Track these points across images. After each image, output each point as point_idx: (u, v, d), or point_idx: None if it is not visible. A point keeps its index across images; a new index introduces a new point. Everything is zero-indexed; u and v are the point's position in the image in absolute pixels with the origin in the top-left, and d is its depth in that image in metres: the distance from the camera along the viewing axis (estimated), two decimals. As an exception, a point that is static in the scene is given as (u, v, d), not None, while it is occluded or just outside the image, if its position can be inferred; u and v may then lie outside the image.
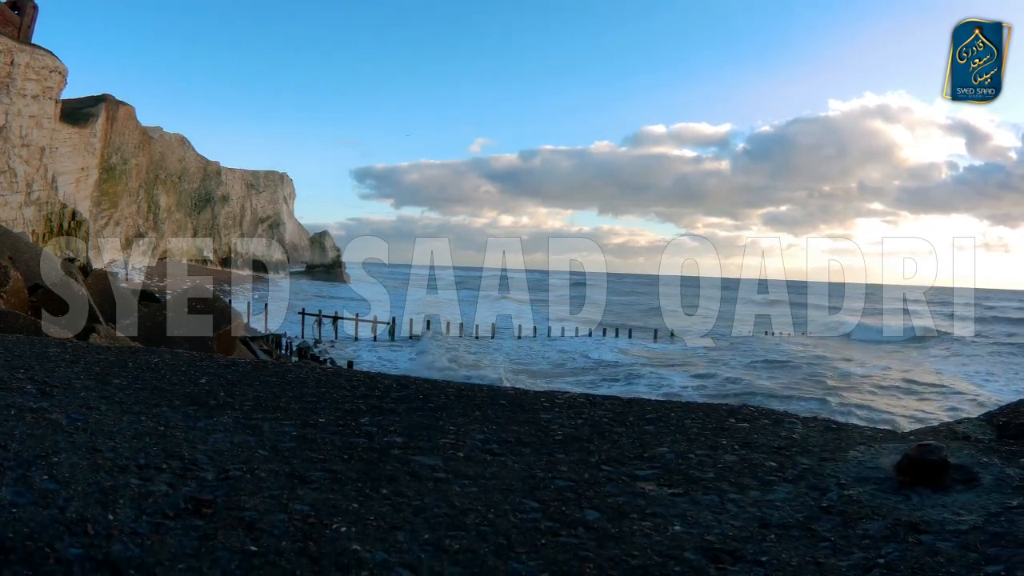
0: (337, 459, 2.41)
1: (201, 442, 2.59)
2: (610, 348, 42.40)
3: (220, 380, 3.83)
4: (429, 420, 3.11)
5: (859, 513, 2.24)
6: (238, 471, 2.23)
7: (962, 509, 2.30)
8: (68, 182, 57.35)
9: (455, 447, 2.66)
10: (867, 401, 25.37)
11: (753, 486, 2.50)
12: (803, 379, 30.28)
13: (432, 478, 2.24)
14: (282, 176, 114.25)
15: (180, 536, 1.68)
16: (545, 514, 2.02)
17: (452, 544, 1.67)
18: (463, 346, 40.43)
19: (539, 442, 2.89)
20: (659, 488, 2.41)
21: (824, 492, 2.45)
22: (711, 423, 3.40)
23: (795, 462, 2.80)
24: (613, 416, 3.44)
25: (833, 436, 3.25)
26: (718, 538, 1.96)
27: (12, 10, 48.94)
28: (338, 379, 3.95)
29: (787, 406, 23.92)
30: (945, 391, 28.50)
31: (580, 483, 2.37)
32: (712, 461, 2.76)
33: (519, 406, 3.52)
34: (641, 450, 2.87)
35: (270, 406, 3.24)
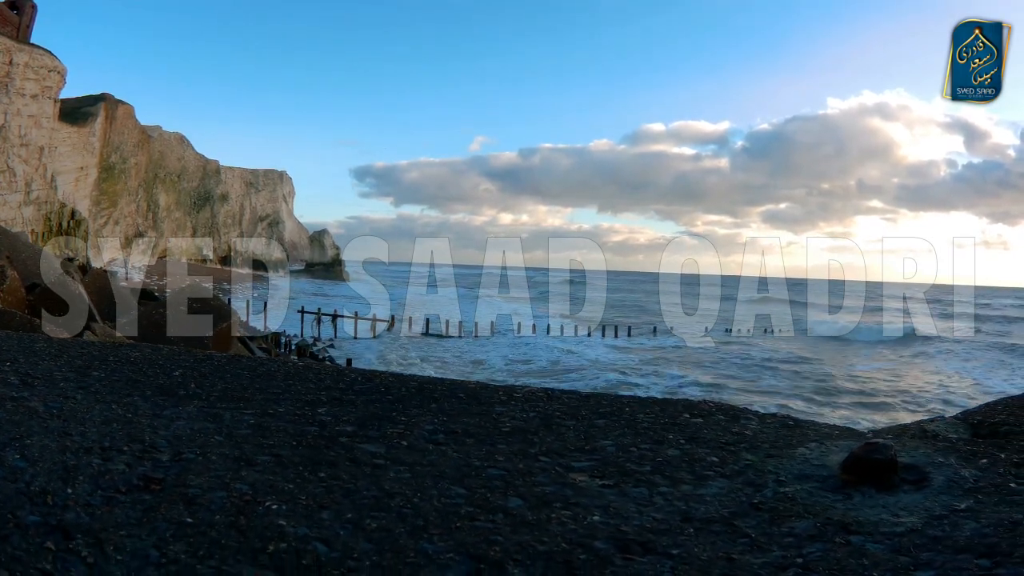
0: (286, 445, 2.54)
1: (163, 428, 2.74)
2: (604, 347, 42.45)
3: (193, 373, 3.96)
4: (384, 411, 3.21)
5: (790, 511, 2.21)
6: (192, 454, 2.39)
7: (903, 510, 2.24)
8: (67, 181, 57.44)
9: (401, 436, 2.77)
10: (841, 401, 25.14)
11: (687, 480, 2.49)
12: (781, 378, 30.31)
13: (371, 464, 2.36)
14: (281, 175, 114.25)
15: (127, 508, 1.84)
16: (469, 500, 2.09)
17: (371, 524, 1.79)
18: (461, 345, 40.56)
19: (485, 433, 2.95)
20: (590, 480, 2.42)
21: (760, 488, 2.43)
22: (664, 418, 3.39)
23: (739, 458, 2.79)
24: (567, 410, 3.47)
25: (787, 433, 3.22)
26: (634, 529, 1.97)
27: (11, 9, 49.01)
28: (307, 372, 4.07)
29: (757, 404, 24.10)
30: (929, 390, 28.43)
31: (512, 472, 2.42)
32: (653, 455, 2.76)
33: (476, 399, 3.59)
34: (584, 443, 2.89)
35: (235, 397, 3.38)
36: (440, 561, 1.57)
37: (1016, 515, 2.06)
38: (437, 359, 35.54)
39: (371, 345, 40.16)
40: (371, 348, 38.76)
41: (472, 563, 1.58)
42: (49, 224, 53.07)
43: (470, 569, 1.55)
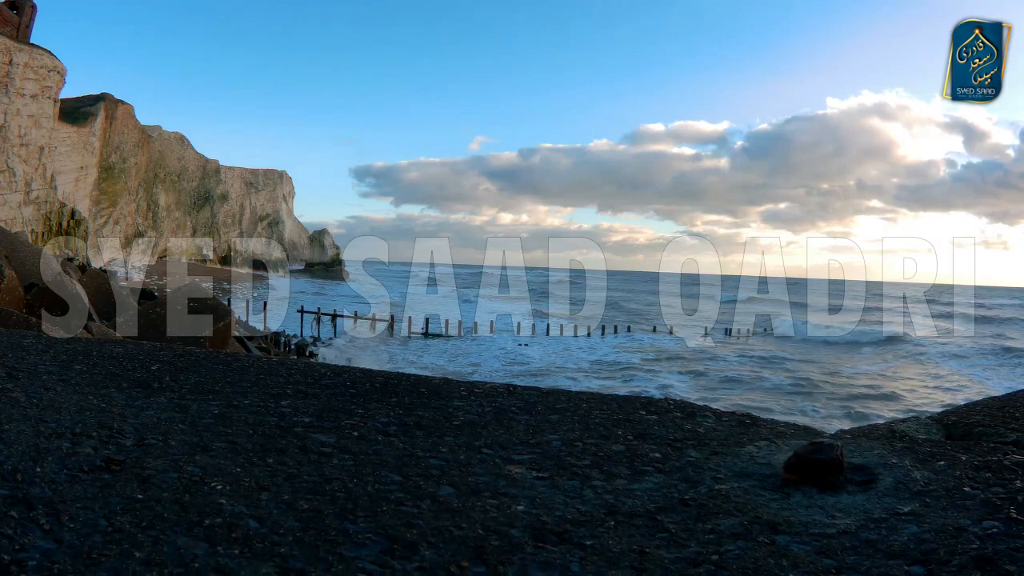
0: (243, 434, 2.67)
1: (133, 417, 2.90)
2: (604, 347, 42.62)
3: (170, 367, 4.11)
4: (343, 404, 3.31)
5: (719, 508, 2.20)
6: (154, 440, 2.54)
7: (840, 512, 2.21)
8: (67, 181, 57.67)
9: (354, 428, 2.85)
10: (820, 402, 25.15)
11: (623, 475, 2.49)
12: (762, 379, 30.42)
13: (318, 452, 2.45)
14: (281, 174, 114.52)
15: (87, 485, 2.01)
16: (402, 487, 2.17)
17: (304, 504, 1.92)
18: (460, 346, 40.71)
19: (436, 426, 3.03)
20: (526, 472, 2.45)
21: (695, 485, 2.40)
22: (619, 414, 3.42)
23: (682, 455, 2.77)
24: (523, 405, 3.54)
25: (741, 431, 3.20)
26: (554, 520, 1.99)
27: (11, 9, 49.19)
28: (280, 368, 4.20)
29: (740, 404, 24.17)
30: (917, 391, 28.33)
31: (452, 463, 2.49)
32: (596, 450, 2.78)
33: (437, 394, 3.68)
34: (531, 437, 2.93)
35: (205, 389, 3.52)
36: (358, 540, 1.69)
37: (963, 521, 2.03)
38: (434, 358, 35.74)
39: (369, 345, 40.31)
40: (369, 348, 38.91)
41: (387, 543, 1.66)
42: (49, 224, 53.27)
43: (384, 548, 1.63)
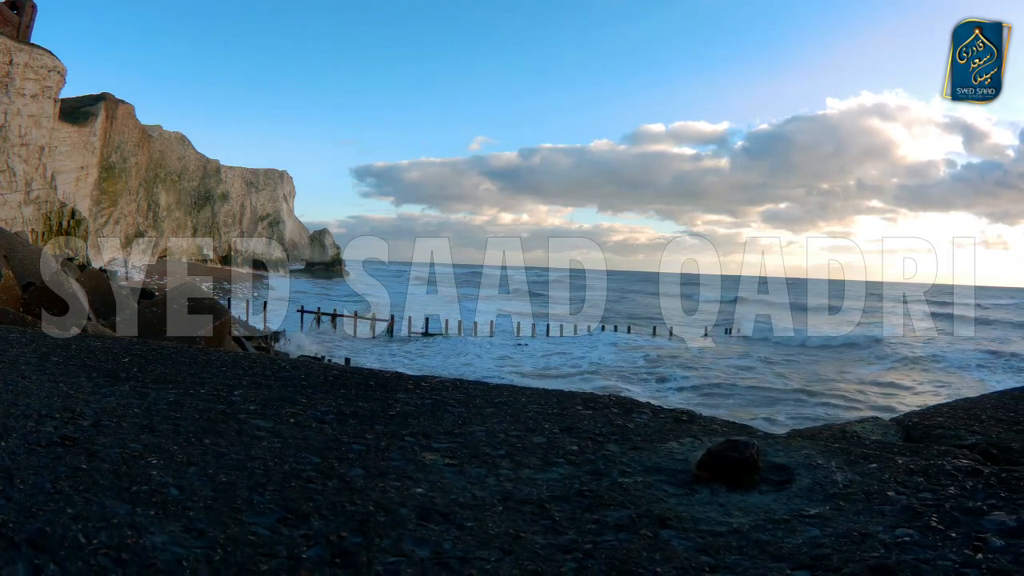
0: (189, 418, 2.85)
1: (95, 402, 3.09)
2: (603, 347, 42.75)
3: (139, 360, 4.29)
4: (291, 395, 3.45)
5: (613, 500, 2.20)
6: (109, 422, 2.74)
7: (741, 511, 2.17)
8: (67, 181, 57.93)
9: (293, 415, 3.01)
10: (787, 405, 24.93)
11: (533, 465, 2.53)
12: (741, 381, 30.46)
13: (252, 435, 2.60)
14: (282, 174, 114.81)
15: (41, 457, 2.22)
16: (316, 468, 2.29)
17: (223, 478, 2.09)
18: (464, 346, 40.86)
19: (371, 415, 3.14)
20: (440, 458, 2.53)
21: (600, 477, 2.42)
22: (555, 409, 3.47)
23: (602, 448, 2.80)
24: (464, 398, 3.63)
25: (673, 428, 3.21)
26: (445, 502, 2.06)
27: (11, 9, 49.44)
28: (243, 361, 4.37)
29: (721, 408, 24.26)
30: (896, 394, 28.04)
31: (372, 448, 2.59)
32: (516, 441, 2.83)
33: (384, 387, 3.79)
34: (458, 427, 3.02)
35: (167, 379, 3.70)
36: (259, 509, 1.85)
37: (872, 527, 2.00)
38: (429, 359, 35.94)
39: (367, 345, 40.49)
40: (367, 348, 39.08)
41: (284, 513, 1.79)
42: (49, 224, 53.53)
43: (280, 517, 1.78)
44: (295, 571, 1.51)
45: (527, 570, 1.63)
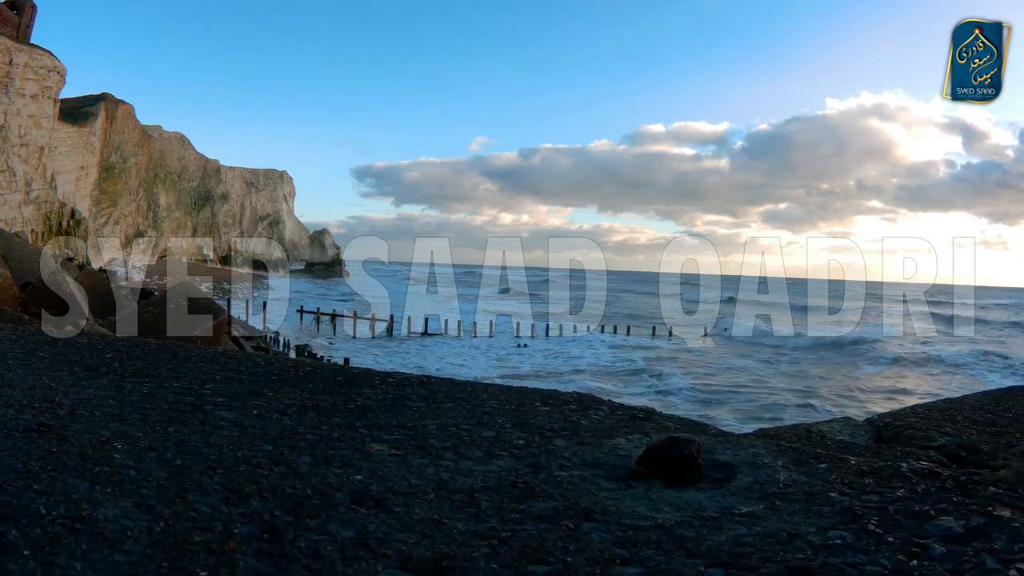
0: (159, 409, 3.02)
1: (74, 394, 3.26)
2: (601, 348, 42.88)
3: (122, 356, 4.46)
4: (260, 389, 3.59)
5: (543, 492, 2.24)
6: (84, 412, 2.91)
7: (671, 507, 2.18)
8: (67, 181, 58.08)
9: (257, 407, 3.15)
10: (762, 408, 24.70)
11: (475, 458, 2.60)
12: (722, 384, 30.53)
13: (215, 425, 2.76)
14: (282, 174, 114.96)
15: (17, 441, 2.41)
16: (267, 455, 2.43)
17: (179, 462, 2.25)
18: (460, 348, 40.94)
19: (331, 408, 3.27)
20: (386, 449, 2.63)
21: (538, 471, 2.49)
22: (513, 405, 3.55)
23: (547, 442, 2.84)
24: (426, 393, 3.73)
25: (627, 425, 3.26)
26: (380, 489, 2.16)
27: (11, 10, 49.58)
28: (221, 357, 4.54)
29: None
30: (877, 396, 28.24)
31: (324, 439, 2.71)
32: (465, 435, 2.91)
33: (351, 382, 3.92)
34: (412, 421, 3.11)
35: (145, 373, 3.88)
36: (206, 489, 2.00)
37: (804, 528, 1.98)
38: (424, 359, 36.08)
39: (364, 346, 40.60)
40: (364, 349, 39.19)
41: (228, 493, 1.95)
42: (49, 224, 53.69)
43: (223, 497, 1.92)
44: (224, 544, 1.67)
45: (440, 552, 1.73)
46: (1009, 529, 1.94)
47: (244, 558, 1.59)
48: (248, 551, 1.63)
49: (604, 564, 1.74)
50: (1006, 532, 1.92)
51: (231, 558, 1.58)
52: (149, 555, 1.57)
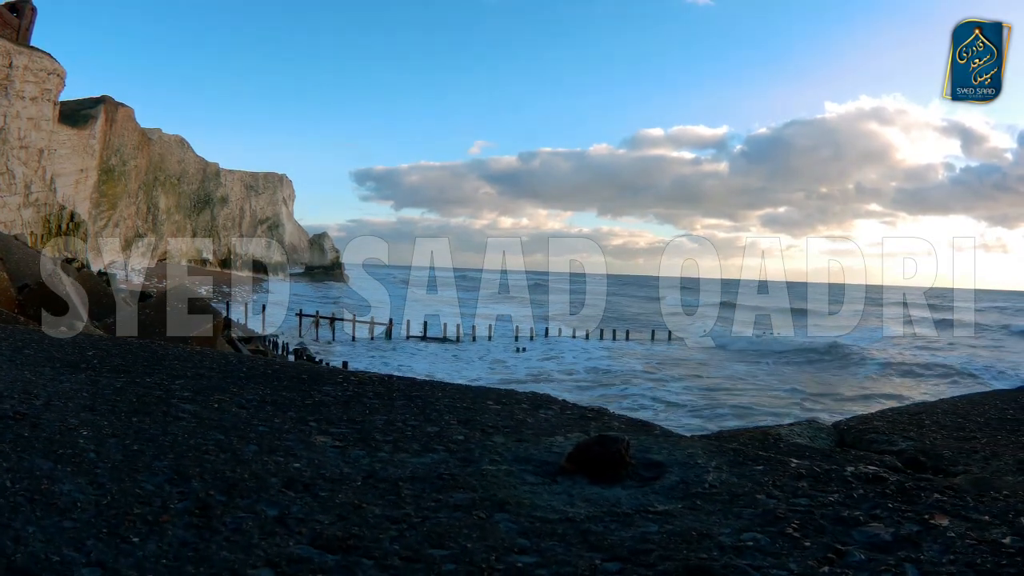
0: (127, 401, 3.25)
1: (52, 387, 3.50)
2: (600, 350, 43.00)
3: (104, 353, 4.70)
4: (226, 385, 3.81)
5: (466, 484, 2.33)
6: (58, 402, 3.15)
7: (586, 502, 2.22)
8: (67, 184, 58.25)
9: (219, 401, 3.36)
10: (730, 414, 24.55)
11: (412, 451, 2.73)
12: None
13: (176, 416, 2.99)
14: (281, 178, 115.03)
15: None
16: (218, 444, 2.63)
17: (135, 447, 2.48)
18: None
19: (288, 403, 3.46)
20: (329, 441, 2.79)
21: (468, 464, 2.58)
22: (464, 403, 3.69)
23: (487, 438, 2.97)
24: (382, 391, 3.89)
25: (573, 423, 3.37)
26: (312, 476, 2.32)
27: (11, 12, 49.77)
28: (196, 356, 4.79)
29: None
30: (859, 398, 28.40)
31: (274, 430, 2.90)
32: (408, 430, 3.06)
33: (314, 380, 4.12)
34: (361, 416, 3.27)
35: (121, 369, 4.12)
36: (154, 471, 2.21)
37: (718, 528, 2.00)
38: (418, 362, 36.22)
39: (363, 349, 40.70)
40: (362, 352, 39.30)
41: (173, 475, 2.17)
42: (48, 226, 53.86)
43: (168, 478, 2.14)
44: (159, 516, 1.90)
45: (350, 533, 1.88)
46: (943, 539, 1.91)
47: (174, 529, 1.81)
48: (179, 523, 1.85)
49: (502, 552, 1.81)
50: (939, 542, 1.89)
51: (162, 528, 1.81)
52: (92, 523, 1.81)
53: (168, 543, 1.72)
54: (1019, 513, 2.11)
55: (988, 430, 3.93)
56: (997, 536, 1.93)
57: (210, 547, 1.71)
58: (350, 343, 42.92)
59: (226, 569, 1.59)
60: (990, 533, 1.95)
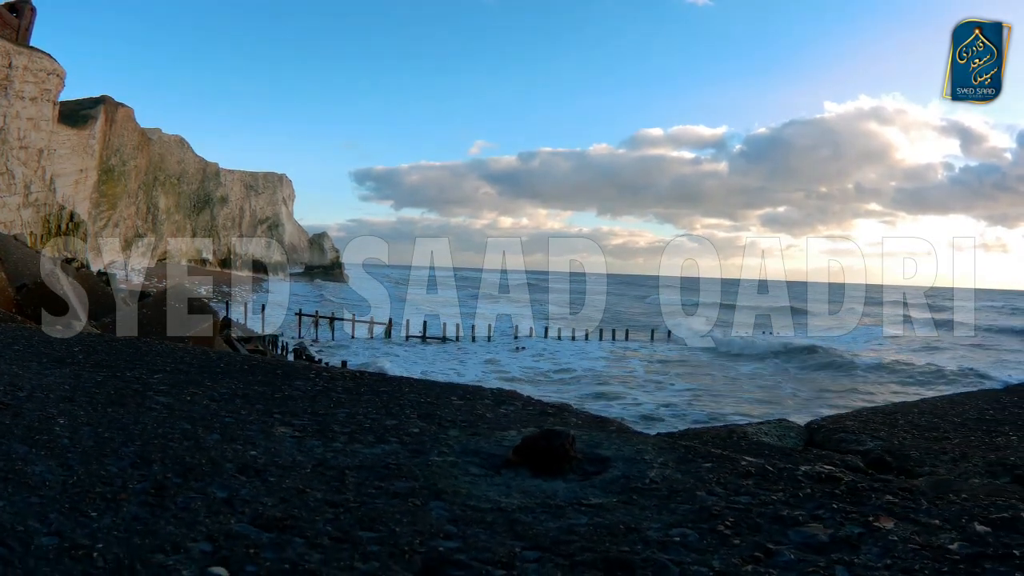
0: (105, 393, 3.45)
1: (36, 379, 3.70)
2: (598, 352, 43.12)
3: (88, 349, 4.90)
4: (201, 379, 3.99)
5: (409, 474, 2.43)
6: (41, 394, 3.35)
7: (522, 493, 2.28)
8: (67, 184, 58.41)
9: (192, 394, 3.54)
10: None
11: (366, 441, 2.84)
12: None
13: (148, 407, 3.17)
14: (281, 177, 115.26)
15: None
16: (184, 432, 2.81)
17: (106, 434, 2.68)
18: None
19: (258, 397, 3.62)
20: (289, 432, 2.94)
21: (417, 455, 2.69)
22: (428, 398, 3.83)
23: (442, 432, 3.08)
24: (351, 386, 4.04)
25: (531, 419, 3.48)
26: (265, 463, 2.48)
27: (10, 12, 49.90)
28: (177, 352, 4.98)
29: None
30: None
31: (239, 421, 3.07)
32: (368, 423, 3.20)
33: (288, 375, 4.29)
34: (325, 409, 3.42)
35: (103, 364, 4.32)
36: (121, 455, 2.39)
37: (648, 523, 2.02)
38: (412, 363, 36.34)
39: (362, 349, 40.82)
40: (360, 352, 39.42)
41: (137, 459, 2.36)
42: (48, 226, 54.03)
43: (132, 462, 2.33)
44: (118, 495, 2.09)
45: (289, 514, 2.01)
46: (884, 542, 1.89)
47: (129, 505, 2.01)
48: (134, 501, 2.05)
49: (428, 536, 1.90)
50: (879, 544, 1.87)
51: (119, 505, 2.01)
52: (57, 499, 2.01)
53: (122, 518, 1.91)
54: (973, 518, 2.05)
55: (963, 431, 3.93)
56: (944, 541, 1.88)
57: (159, 522, 1.89)
58: (349, 343, 43.03)
59: (168, 541, 1.77)
60: (937, 538, 1.91)
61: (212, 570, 1.62)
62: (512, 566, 1.74)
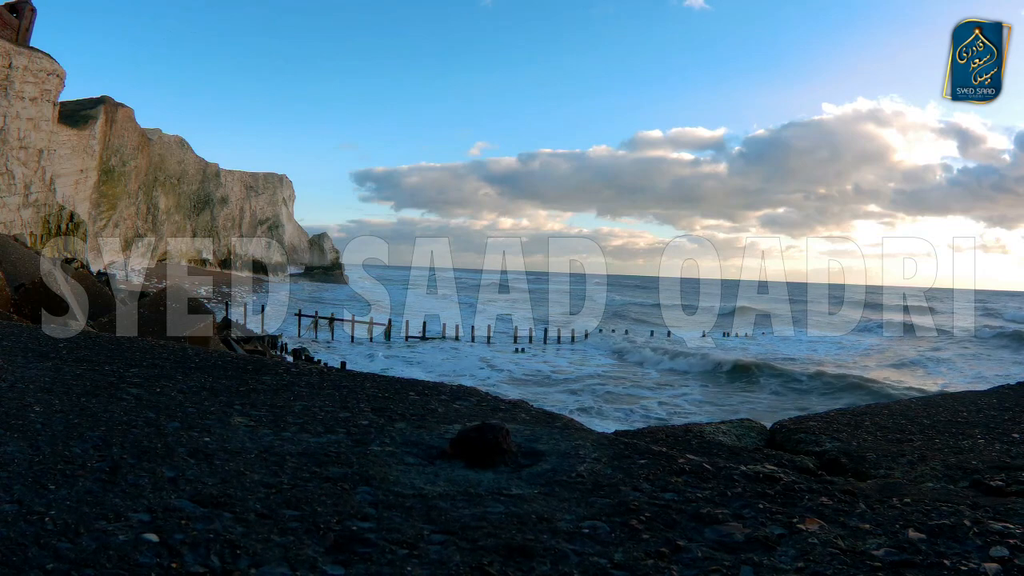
0: (82, 385, 3.68)
1: (19, 372, 3.95)
2: (597, 353, 43.26)
3: (72, 345, 5.15)
4: (174, 373, 4.21)
5: (347, 461, 2.57)
6: (21, 385, 3.60)
7: (448, 482, 2.37)
8: (67, 184, 58.62)
9: (162, 387, 3.76)
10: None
11: (315, 432, 3.02)
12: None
13: (120, 398, 3.39)
14: (281, 178, 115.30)
15: None
16: (147, 420, 3.01)
17: (76, 421, 2.90)
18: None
19: (224, 390, 3.82)
20: (245, 422, 3.13)
21: (359, 445, 2.84)
22: (386, 393, 3.98)
23: (390, 424, 3.21)
24: (316, 382, 4.22)
25: (483, 413, 3.58)
26: (215, 448, 2.68)
27: (10, 13, 50.10)
28: (157, 348, 5.23)
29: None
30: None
31: (200, 411, 3.27)
32: (322, 415, 3.36)
33: (257, 371, 4.49)
34: (284, 402, 3.59)
35: (84, 359, 4.57)
36: (85, 439, 2.60)
37: (562, 514, 2.09)
38: (406, 365, 36.48)
39: (361, 350, 40.95)
40: (360, 352, 39.54)
41: (100, 442, 2.59)
42: (48, 226, 54.24)
43: (95, 444, 2.56)
44: (76, 472, 2.32)
45: (224, 492, 2.20)
46: (803, 544, 1.88)
47: (84, 481, 2.24)
48: (90, 478, 2.28)
49: (345, 517, 2.03)
50: (797, 546, 1.87)
51: (75, 480, 2.24)
52: (23, 475, 2.26)
53: (76, 491, 2.14)
54: (909, 524, 2.02)
55: (931, 432, 3.89)
56: (870, 547, 1.86)
57: (107, 496, 2.12)
58: (349, 343, 43.17)
59: (112, 511, 2.00)
60: (864, 543, 1.89)
61: (145, 536, 1.85)
62: (415, 547, 1.85)
